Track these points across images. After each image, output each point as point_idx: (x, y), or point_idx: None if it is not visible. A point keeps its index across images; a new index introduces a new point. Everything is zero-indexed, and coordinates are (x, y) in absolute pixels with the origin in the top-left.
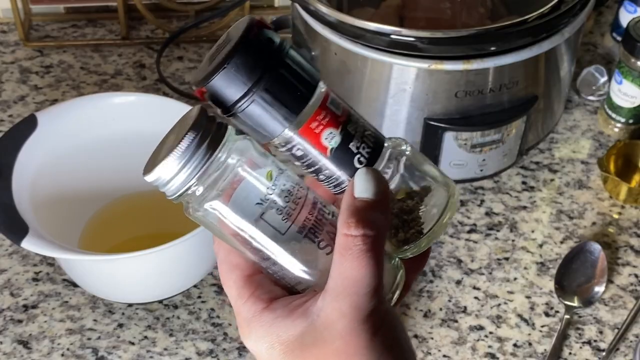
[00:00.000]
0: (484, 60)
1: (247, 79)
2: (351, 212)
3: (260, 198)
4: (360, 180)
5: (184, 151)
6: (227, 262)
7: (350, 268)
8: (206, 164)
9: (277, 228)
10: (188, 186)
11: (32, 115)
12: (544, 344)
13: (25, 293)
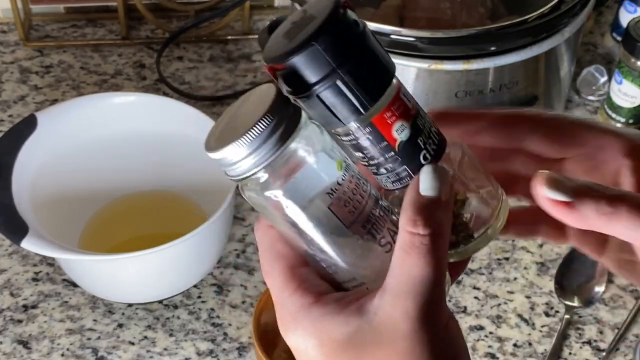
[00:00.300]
0: (484, 60)
1: (333, 59)
2: (417, 210)
3: (331, 188)
4: (428, 177)
5: (257, 136)
6: (273, 250)
7: (415, 266)
8: (277, 152)
9: (343, 220)
10: (253, 172)
11: (32, 115)
12: (544, 344)
13: (25, 293)
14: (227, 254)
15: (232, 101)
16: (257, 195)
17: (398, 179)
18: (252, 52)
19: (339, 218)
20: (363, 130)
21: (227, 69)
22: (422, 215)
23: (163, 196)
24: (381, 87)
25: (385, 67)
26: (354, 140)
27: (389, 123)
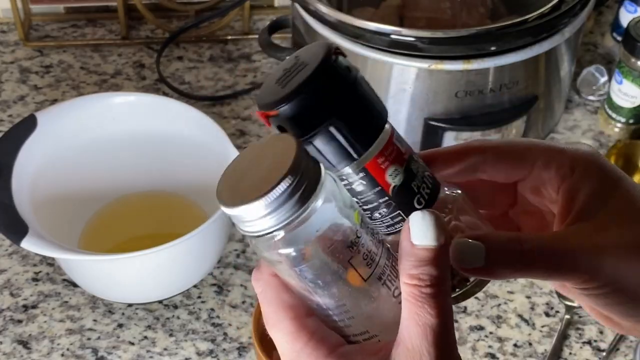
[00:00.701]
0: (484, 60)
1: (325, 107)
2: (413, 261)
3: (351, 241)
4: (418, 224)
5: (279, 196)
6: (279, 301)
7: (421, 316)
8: (298, 212)
9: (361, 274)
10: (271, 231)
11: (31, 115)
12: (544, 344)
13: (25, 293)
14: (227, 254)
15: (232, 101)
16: (270, 251)
17: (392, 224)
18: (252, 52)
19: (357, 272)
20: (356, 176)
21: (227, 69)
22: (418, 266)
23: (163, 196)
24: (374, 133)
25: (378, 112)
26: (347, 185)
27: (382, 168)
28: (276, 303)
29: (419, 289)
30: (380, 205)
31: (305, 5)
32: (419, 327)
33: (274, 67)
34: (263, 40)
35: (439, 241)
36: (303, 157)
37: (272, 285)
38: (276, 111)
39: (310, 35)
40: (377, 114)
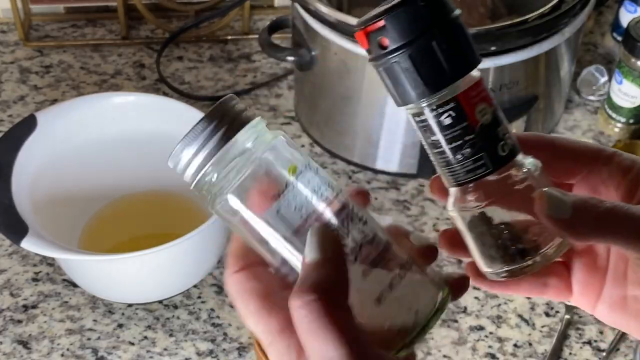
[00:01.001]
0: (484, 60)
1: (432, 18)
2: (299, 279)
3: (278, 191)
4: (312, 239)
5: (199, 134)
6: (241, 291)
7: (313, 342)
8: (220, 149)
9: (290, 223)
10: (203, 172)
11: (31, 115)
12: (544, 344)
13: (25, 293)
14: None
15: None
16: (217, 204)
17: (473, 168)
18: (252, 52)
19: (287, 219)
20: (447, 106)
21: (227, 69)
22: (302, 284)
23: (163, 196)
24: (471, 61)
25: (475, 46)
26: (434, 117)
27: (473, 102)
28: (240, 294)
29: (298, 312)
30: (464, 144)
31: (305, 5)
32: (314, 351)
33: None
34: (263, 40)
35: (324, 254)
36: (227, 103)
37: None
38: (382, 21)
39: (310, 35)
40: (475, 47)
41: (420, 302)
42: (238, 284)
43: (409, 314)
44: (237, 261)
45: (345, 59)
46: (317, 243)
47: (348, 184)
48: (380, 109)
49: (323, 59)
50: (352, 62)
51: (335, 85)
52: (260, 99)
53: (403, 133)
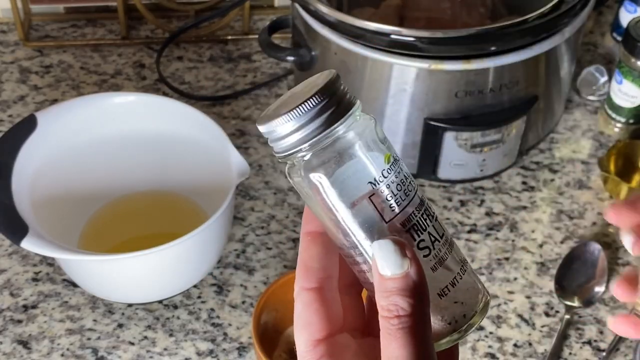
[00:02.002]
0: (484, 60)
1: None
2: (384, 294)
3: (375, 178)
4: (382, 254)
5: (307, 112)
6: (302, 317)
7: (397, 349)
8: (324, 132)
9: (382, 214)
10: (299, 149)
11: (31, 115)
12: (544, 344)
13: (25, 293)
14: (227, 254)
15: (232, 101)
16: (300, 177)
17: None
18: (252, 52)
19: (378, 210)
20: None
21: (227, 69)
22: (386, 297)
23: (163, 196)
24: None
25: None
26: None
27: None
28: (299, 318)
29: (388, 320)
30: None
31: (305, 5)
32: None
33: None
34: (263, 40)
35: (402, 269)
36: (336, 84)
37: (301, 298)
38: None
39: (310, 35)
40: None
41: (471, 300)
42: (302, 305)
43: (462, 310)
44: (310, 277)
45: (345, 59)
46: (397, 255)
47: None
48: (380, 109)
49: (323, 59)
50: (352, 62)
51: None
52: (260, 99)
53: (403, 133)
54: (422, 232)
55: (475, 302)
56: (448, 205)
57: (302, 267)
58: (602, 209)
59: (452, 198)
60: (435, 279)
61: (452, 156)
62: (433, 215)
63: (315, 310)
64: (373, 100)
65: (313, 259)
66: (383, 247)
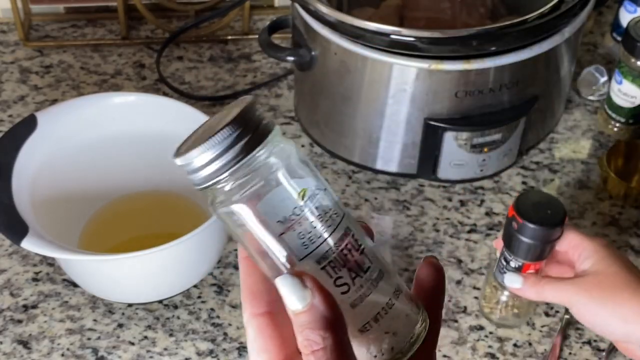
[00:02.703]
0: (484, 60)
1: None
2: (297, 330)
3: (284, 216)
4: (286, 290)
5: (222, 141)
6: (257, 344)
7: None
8: (241, 161)
9: (295, 252)
10: (217, 180)
11: (32, 115)
12: (544, 344)
13: (25, 293)
14: (227, 254)
15: (232, 101)
16: (222, 209)
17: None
18: (252, 52)
19: (290, 248)
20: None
21: (227, 69)
22: (302, 334)
23: (163, 196)
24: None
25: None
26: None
27: None
28: (253, 343)
29: (306, 357)
30: None
31: (305, 5)
32: None
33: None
34: (263, 40)
35: (305, 300)
36: (251, 111)
37: (252, 324)
38: None
39: (310, 35)
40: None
41: (400, 332)
42: (255, 331)
43: (390, 342)
44: (258, 302)
45: (345, 59)
46: (297, 293)
47: None
48: (380, 109)
49: (323, 59)
50: (352, 62)
51: (335, 85)
52: (260, 99)
53: (403, 133)
54: (339, 268)
55: (408, 333)
56: (448, 205)
57: (248, 293)
58: (602, 209)
59: (452, 198)
60: (356, 315)
61: (452, 156)
62: (359, 247)
63: (269, 336)
64: (373, 100)
65: (257, 283)
66: (284, 282)
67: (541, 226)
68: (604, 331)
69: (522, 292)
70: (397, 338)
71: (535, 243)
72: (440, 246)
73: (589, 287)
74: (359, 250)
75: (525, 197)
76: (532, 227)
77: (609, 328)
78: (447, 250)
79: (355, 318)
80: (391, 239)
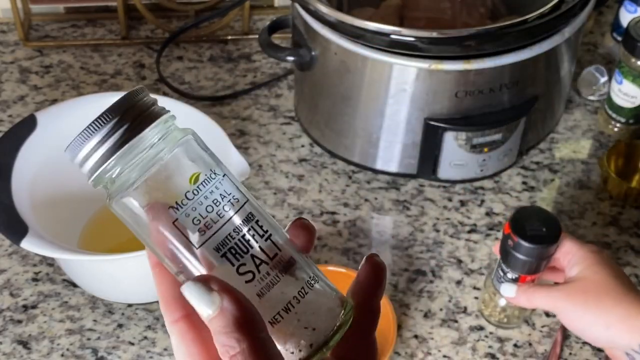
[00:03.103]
0: (484, 60)
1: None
2: (214, 337)
3: (176, 202)
4: (194, 297)
5: (101, 127)
6: (181, 349)
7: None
8: (124, 145)
9: (190, 239)
10: (103, 168)
11: (31, 115)
12: (544, 344)
13: (25, 293)
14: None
15: (232, 101)
16: (116, 201)
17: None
18: (252, 52)
19: (185, 236)
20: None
21: (227, 69)
22: (218, 340)
23: None
24: None
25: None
26: None
27: None
28: (177, 351)
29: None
30: None
31: (305, 5)
32: None
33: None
34: (263, 40)
35: (215, 304)
36: (135, 97)
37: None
38: None
39: (310, 35)
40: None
41: (320, 327)
42: (177, 338)
43: (309, 338)
44: (175, 308)
45: (345, 59)
46: (204, 298)
47: (294, 217)
48: (380, 109)
49: (323, 59)
50: (352, 62)
51: (335, 85)
52: (260, 99)
53: (403, 133)
54: (241, 255)
55: (330, 320)
56: (448, 205)
57: (163, 302)
58: (602, 209)
59: (452, 198)
60: (264, 305)
61: (452, 156)
62: (264, 233)
63: (191, 340)
64: (373, 100)
65: (170, 288)
66: (189, 289)
67: (536, 244)
68: (589, 337)
69: (515, 301)
70: (317, 333)
71: (531, 260)
72: (440, 246)
73: (573, 293)
74: (263, 236)
75: (520, 214)
76: (527, 246)
77: (593, 334)
78: (447, 250)
79: (264, 309)
80: (391, 239)
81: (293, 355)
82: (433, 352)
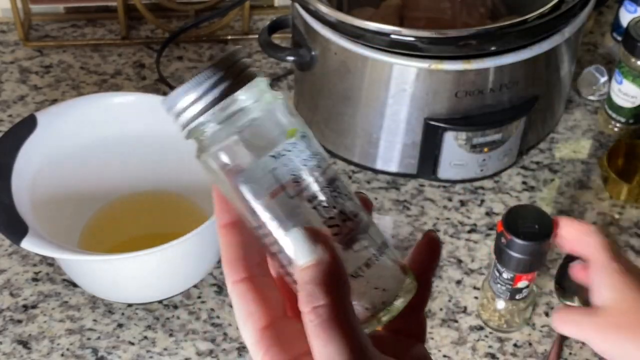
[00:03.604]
0: (484, 60)
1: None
2: (300, 287)
3: (277, 152)
4: (296, 243)
5: (202, 82)
6: (242, 309)
7: (323, 345)
8: (222, 100)
9: (287, 188)
10: (200, 121)
11: (31, 115)
12: (544, 344)
13: (25, 293)
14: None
15: None
16: (208, 155)
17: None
18: (252, 52)
19: (281, 182)
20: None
21: None
22: (304, 290)
23: (163, 196)
24: None
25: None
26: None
27: None
28: (239, 310)
29: (307, 316)
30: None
31: (305, 5)
32: (322, 356)
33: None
34: (263, 40)
35: (314, 255)
36: (234, 57)
37: (236, 291)
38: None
39: (310, 35)
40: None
41: (390, 284)
42: (238, 297)
43: (379, 294)
44: (237, 269)
45: (345, 59)
46: (307, 247)
47: None
48: (380, 109)
49: (323, 59)
50: (352, 62)
51: (335, 85)
52: None
53: (403, 133)
54: (331, 209)
55: (397, 286)
56: (448, 205)
57: (227, 262)
58: (602, 209)
59: (452, 198)
60: (348, 258)
61: (452, 156)
62: (348, 193)
63: (252, 300)
64: (373, 100)
65: (234, 250)
66: (295, 235)
67: (529, 241)
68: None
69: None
70: (387, 294)
71: (525, 257)
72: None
73: (604, 325)
74: (347, 195)
75: (513, 212)
76: (520, 243)
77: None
78: (447, 250)
79: (348, 261)
80: (391, 239)
81: (367, 312)
82: (433, 352)
